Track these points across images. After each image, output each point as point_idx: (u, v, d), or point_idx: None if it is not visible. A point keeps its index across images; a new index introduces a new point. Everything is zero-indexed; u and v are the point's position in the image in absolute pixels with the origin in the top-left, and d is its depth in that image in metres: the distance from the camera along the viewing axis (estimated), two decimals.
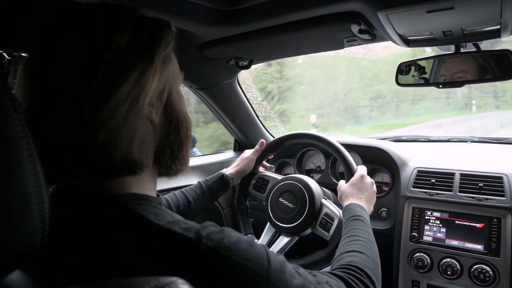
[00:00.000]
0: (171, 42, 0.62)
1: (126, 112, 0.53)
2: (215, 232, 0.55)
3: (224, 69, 1.60)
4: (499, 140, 1.84)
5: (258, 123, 2.02)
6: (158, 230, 0.53)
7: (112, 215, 0.55)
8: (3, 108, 0.38)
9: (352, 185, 1.19)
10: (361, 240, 0.90)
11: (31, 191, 0.40)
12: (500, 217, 1.28)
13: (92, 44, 0.53)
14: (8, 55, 0.88)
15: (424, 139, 2.03)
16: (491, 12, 0.96)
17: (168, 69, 0.61)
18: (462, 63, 1.24)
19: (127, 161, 0.55)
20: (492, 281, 1.23)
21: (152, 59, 0.57)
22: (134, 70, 0.54)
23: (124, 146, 0.54)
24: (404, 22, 1.05)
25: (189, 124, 0.68)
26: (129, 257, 0.50)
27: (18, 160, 0.39)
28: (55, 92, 0.52)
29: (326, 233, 1.25)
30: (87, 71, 0.52)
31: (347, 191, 1.18)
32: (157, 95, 0.59)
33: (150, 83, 0.56)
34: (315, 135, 1.41)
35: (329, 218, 1.26)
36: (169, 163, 0.65)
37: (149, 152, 0.60)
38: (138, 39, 0.56)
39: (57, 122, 0.52)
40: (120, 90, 0.53)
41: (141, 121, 0.56)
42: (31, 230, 0.40)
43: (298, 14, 1.10)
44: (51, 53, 0.54)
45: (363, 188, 1.18)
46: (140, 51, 0.56)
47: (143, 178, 0.61)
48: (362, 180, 1.20)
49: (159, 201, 0.63)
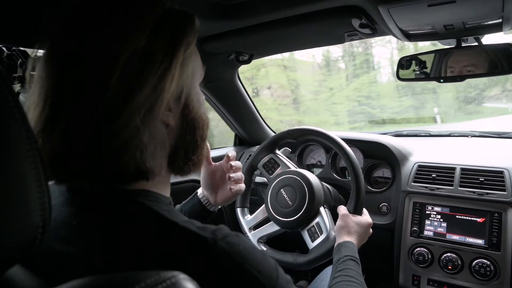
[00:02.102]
0: (192, 41, 0.60)
1: (140, 122, 0.52)
2: (231, 236, 0.54)
3: (224, 64, 1.60)
4: (500, 134, 1.84)
5: (259, 118, 2.02)
6: (174, 227, 0.53)
7: (126, 210, 0.54)
8: (3, 102, 0.38)
9: (357, 223, 1.17)
10: (358, 284, 0.91)
11: (31, 185, 0.39)
12: (501, 212, 1.28)
13: (108, 47, 0.51)
14: (7, 49, 0.88)
15: (425, 133, 2.03)
16: (493, 5, 0.95)
17: (187, 71, 0.59)
18: (469, 57, 1.23)
19: (140, 169, 0.54)
20: (492, 275, 1.24)
21: (170, 64, 0.55)
22: (151, 76, 0.52)
23: (138, 154, 0.52)
24: (405, 16, 1.04)
25: (206, 125, 0.66)
26: (141, 252, 0.50)
27: (18, 153, 0.39)
28: (70, 97, 0.51)
29: (311, 242, 1.26)
30: (102, 77, 0.50)
31: (350, 225, 1.16)
32: (175, 98, 0.58)
33: (167, 89, 0.54)
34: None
35: (318, 229, 1.26)
36: (182, 164, 0.64)
37: (163, 158, 0.59)
38: (157, 41, 0.54)
39: (70, 128, 0.51)
40: (135, 99, 0.51)
41: (156, 127, 0.55)
42: (31, 224, 0.40)
43: (298, 8, 1.09)
44: (66, 55, 0.52)
45: (363, 231, 1.17)
46: (158, 54, 0.54)
47: (157, 178, 0.60)
48: (366, 223, 1.19)
49: (170, 200, 0.63)
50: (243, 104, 1.90)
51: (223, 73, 1.68)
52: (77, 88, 0.51)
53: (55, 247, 0.52)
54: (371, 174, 1.70)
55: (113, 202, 0.55)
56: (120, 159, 0.52)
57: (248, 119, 1.99)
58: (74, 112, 0.51)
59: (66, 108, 0.51)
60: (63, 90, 0.52)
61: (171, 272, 0.42)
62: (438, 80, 1.30)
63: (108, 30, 0.53)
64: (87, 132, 0.51)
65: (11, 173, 0.38)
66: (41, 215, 0.40)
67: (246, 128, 2.02)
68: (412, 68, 1.35)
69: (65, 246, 0.53)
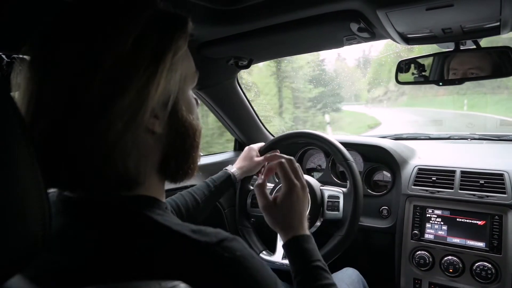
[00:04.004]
0: (183, 45, 0.57)
1: (123, 127, 0.50)
2: (228, 240, 0.51)
3: (223, 69, 1.60)
4: (500, 137, 1.84)
5: (258, 123, 2.02)
6: (167, 231, 0.51)
7: (119, 217, 0.53)
8: (2, 109, 0.38)
9: (283, 203, 0.85)
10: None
11: (31, 193, 0.39)
12: (502, 214, 1.28)
13: (93, 49, 0.49)
14: (7, 57, 0.88)
15: (425, 137, 2.03)
16: (491, 9, 0.96)
17: (175, 77, 0.56)
18: (474, 59, 1.23)
19: (122, 179, 0.52)
20: (494, 278, 1.23)
21: (156, 69, 0.52)
22: (136, 81, 0.50)
23: (119, 163, 0.51)
24: (404, 20, 1.05)
25: (197, 132, 0.63)
26: (135, 260, 0.49)
27: (17, 161, 0.38)
28: (52, 99, 0.50)
29: (337, 212, 1.32)
30: (85, 80, 0.48)
31: (278, 217, 0.85)
32: (161, 105, 0.55)
33: (152, 96, 0.52)
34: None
35: (334, 198, 1.32)
36: (174, 172, 0.62)
37: (147, 167, 0.57)
38: (143, 45, 0.51)
39: (51, 134, 0.50)
40: (118, 103, 0.49)
41: (139, 135, 0.53)
42: (31, 234, 0.39)
43: (297, 13, 1.10)
44: (50, 57, 0.51)
45: (295, 203, 0.85)
46: (144, 59, 0.51)
47: (150, 183, 0.59)
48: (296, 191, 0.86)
49: (165, 205, 0.61)
50: (242, 108, 1.90)
51: (222, 78, 1.68)
52: (58, 91, 0.49)
53: (53, 258, 0.51)
54: (371, 177, 1.70)
55: (105, 210, 0.53)
56: (101, 167, 0.50)
57: (248, 124, 1.99)
58: (55, 116, 0.49)
59: (48, 112, 0.50)
60: (45, 93, 0.50)
61: (171, 281, 0.41)
62: (437, 83, 1.31)
63: (92, 33, 0.51)
64: (69, 137, 0.49)
65: (10, 181, 0.38)
66: (41, 224, 0.40)
67: (246, 133, 2.02)
68: (411, 72, 1.35)
69: (62, 256, 0.52)
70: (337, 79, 8.78)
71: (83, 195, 0.56)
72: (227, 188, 1.35)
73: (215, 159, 1.92)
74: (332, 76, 8.77)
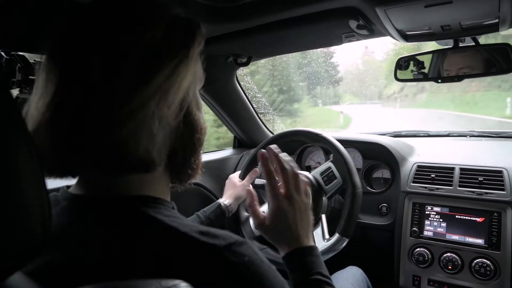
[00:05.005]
0: (201, 43, 0.61)
1: (155, 107, 0.52)
2: (237, 244, 0.51)
3: (222, 66, 1.60)
4: (499, 134, 1.84)
5: (257, 120, 2.02)
6: (174, 232, 0.51)
7: (124, 217, 0.53)
8: (2, 108, 0.38)
9: (273, 222, 0.79)
10: None
11: (30, 192, 0.39)
12: (500, 211, 1.28)
13: (126, 35, 0.52)
14: (6, 54, 0.88)
15: (424, 134, 2.03)
16: (489, 6, 0.96)
17: (192, 74, 0.59)
18: (467, 57, 1.24)
19: (144, 158, 0.53)
20: (493, 275, 1.24)
21: (187, 54, 0.56)
22: (168, 64, 0.53)
23: (144, 143, 0.52)
24: (403, 17, 1.05)
25: (204, 129, 0.66)
26: (140, 260, 0.49)
27: (17, 161, 0.38)
28: (80, 83, 0.51)
29: (336, 180, 1.36)
30: (119, 62, 0.50)
31: (275, 228, 0.79)
32: (179, 99, 0.57)
33: (183, 78, 0.56)
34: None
35: (327, 171, 1.37)
36: (181, 166, 0.63)
37: (164, 153, 0.57)
38: (172, 34, 0.55)
39: (79, 114, 0.50)
40: (152, 83, 0.51)
41: (165, 118, 0.55)
42: (31, 231, 0.39)
43: (296, 10, 1.10)
44: (77, 44, 0.52)
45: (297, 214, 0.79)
46: (174, 45, 0.55)
47: (156, 179, 0.60)
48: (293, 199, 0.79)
49: (172, 205, 0.61)
50: (241, 106, 1.90)
51: (222, 76, 1.68)
52: (87, 74, 0.51)
53: (55, 256, 0.51)
54: (370, 175, 1.70)
55: (110, 210, 0.54)
56: (127, 146, 0.51)
57: (247, 121, 1.99)
58: (84, 98, 0.50)
59: (76, 94, 0.51)
60: (73, 77, 0.51)
61: (172, 280, 0.41)
62: (436, 80, 1.31)
63: (127, 19, 0.53)
64: (98, 117, 0.50)
65: (10, 181, 0.38)
66: (41, 223, 0.40)
67: (245, 130, 2.02)
68: (410, 69, 1.35)
69: (65, 254, 0.52)
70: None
71: (90, 193, 0.56)
72: (217, 218, 1.35)
73: (214, 157, 1.92)
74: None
